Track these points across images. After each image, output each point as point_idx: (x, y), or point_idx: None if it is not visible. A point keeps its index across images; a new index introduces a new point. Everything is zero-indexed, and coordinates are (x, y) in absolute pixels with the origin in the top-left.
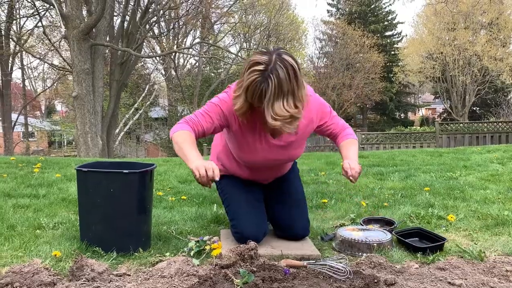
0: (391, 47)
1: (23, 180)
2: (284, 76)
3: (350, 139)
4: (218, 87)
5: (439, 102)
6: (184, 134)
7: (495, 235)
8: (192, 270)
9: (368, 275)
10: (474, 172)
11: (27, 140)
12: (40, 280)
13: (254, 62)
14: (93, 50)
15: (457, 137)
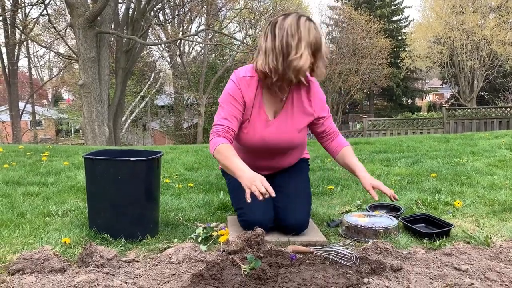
0: (398, 32)
1: (31, 168)
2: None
3: (350, 148)
4: (224, 74)
5: (446, 88)
6: (222, 149)
7: (502, 220)
8: (200, 256)
9: (374, 260)
10: (481, 158)
11: (34, 129)
12: (51, 266)
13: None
14: (98, 38)
15: (465, 122)
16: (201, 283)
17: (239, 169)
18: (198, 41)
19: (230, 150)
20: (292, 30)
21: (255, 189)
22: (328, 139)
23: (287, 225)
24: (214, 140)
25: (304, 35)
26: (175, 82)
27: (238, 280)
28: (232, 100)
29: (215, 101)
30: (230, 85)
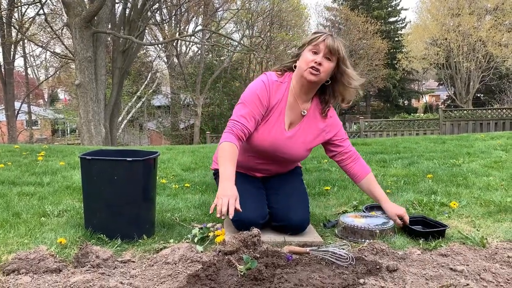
0: (395, 33)
1: (27, 168)
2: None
3: (372, 175)
4: (221, 75)
5: (443, 89)
6: (226, 147)
7: (497, 221)
8: (196, 257)
9: (371, 261)
10: (477, 159)
11: (30, 128)
12: (46, 266)
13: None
14: (95, 37)
15: (461, 124)
16: (197, 283)
17: (224, 177)
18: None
19: (232, 152)
20: None
21: (219, 204)
22: (350, 161)
23: (289, 224)
24: (225, 135)
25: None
26: (172, 82)
27: (234, 280)
28: (256, 101)
29: (211, 101)
30: (260, 85)
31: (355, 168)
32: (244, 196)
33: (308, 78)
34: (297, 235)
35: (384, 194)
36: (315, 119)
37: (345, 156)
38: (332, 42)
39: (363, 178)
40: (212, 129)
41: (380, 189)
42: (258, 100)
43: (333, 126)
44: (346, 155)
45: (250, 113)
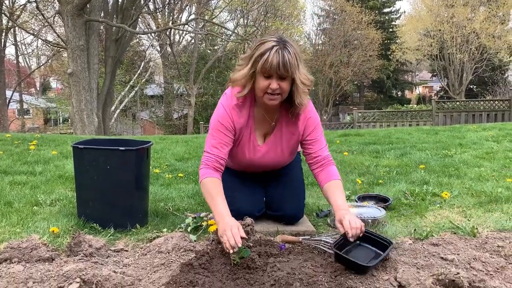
0: (389, 24)
1: (19, 157)
2: (296, 45)
3: (338, 181)
4: (215, 64)
5: (436, 80)
6: (208, 184)
7: (488, 211)
8: (189, 246)
9: None
10: (469, 150)
11: (22, 117)
12: (39, 255)
13: (264, 40)
14: (87, 26)
15: (453, 115)
16: (191, 272)
17: (218, 213)
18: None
19: (215, 186)
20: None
21: (226, 240)
22: (316, 167)
23: (284, 214)
24: (202, 171)
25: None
26: (165, 71)
27: (228, 269)
28: (221, 128)
29: (205, 91)
30: (221, 112)
31: (320, 175)
32: (241, 189)
33: (270, 103)
34: (290, 225)
35: (339, 203)
36: (287, 124)
37: (313, 160)
38: (281, 61)
39: (324, 185)
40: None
41: (338, 197)
42: (223, 127)
43: (307, 126)
44: (314, 160)
45: (220, 142)
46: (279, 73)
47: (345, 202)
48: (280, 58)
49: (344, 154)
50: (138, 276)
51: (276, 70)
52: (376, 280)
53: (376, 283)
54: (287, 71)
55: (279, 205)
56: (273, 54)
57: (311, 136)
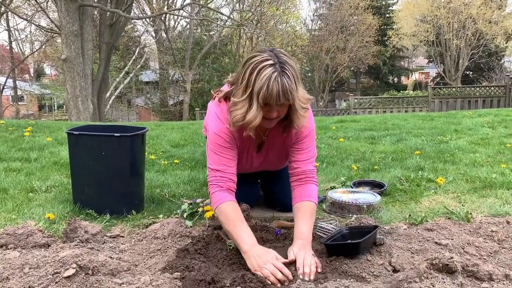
0: (386, 9)
1: (13, 143)
2: (293, 64)
3: (312, 204)
4: (210, 50)
5: (432, 66)
6: (227, 210)
7: (482, 197)
8: (185, 231)
9: None
10: (464, 136)
11: (16, 104)
12: (34, 241)
13: (259, 61)
14: (81, 11)
15: (449, 101)
16: (187, 257)
17: (248, 244)
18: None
19: (236, 211)
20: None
21: (269, 274)
22: (295, 180)
23: (285, 208)
24: (217, 195)
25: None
26: (160, 57)
27: (223, 254)
28: (223, 143)
29: (201, 77)
30: (219, 126)
31: (296, 191)
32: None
33: (267, 126)
34: (286, 211)
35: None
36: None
37: (293, 171)
38: (281, 91)
39: (296, 203)
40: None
41: (304, 223)
42: (224, 141)
43: (300, 134)
44: (294, 170)
45: (226, 157)
46: (279, 103)
47: (310, 231)
48: (280, 87)
49: (340, 140)
50: (134, 262)
51: (276, 101)
52: (371, 265)
53: (371, 268)
54: (288, 100)
55: (277, 199)
56: (273, 83)
57: (299, 144)
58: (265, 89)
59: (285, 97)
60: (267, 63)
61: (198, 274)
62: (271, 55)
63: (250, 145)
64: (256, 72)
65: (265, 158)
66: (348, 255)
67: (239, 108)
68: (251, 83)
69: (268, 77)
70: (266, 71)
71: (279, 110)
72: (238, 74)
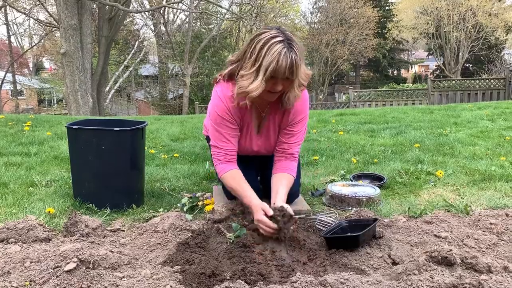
0: (386, 2)
1: (13, 138)
2: (298, 41)
3: (291, 176)
4: (210, 44)
5: (432, 59)
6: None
7: (481, 189)
8: (186, 225)
9: None
10: (464, 129)
11: (16, 98)
12: (35, 236)
13: (269, 37)
14: (80, 4)
15: (449, 94)
16: (187, 251)
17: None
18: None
19: (240, 177)
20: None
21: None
22: (281, 157)
23: None
24: (219, 166)
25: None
26: (160, 51)
27: (224, 248)
28: (224, 121)
29: (200, 71)
30: (220, 105)
31: (279, 162)
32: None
33: (269, 99)
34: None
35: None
36: (279, 113)
37: (280, 149)
38: (289, 65)
39: (276, 173)
40: (201, 99)
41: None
42: (224, 120)
43: (294, 117)
44: (281, 149)
45: (227, 134)
46: (286, 76)
47: (285, 196)
48: (289, 62)
49: (340, 134)
50: (135, 256)
51: (283, 75)
52: (370, 258)
53: (370, 260)
54: (293, 75)
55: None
56: (282, 57)
57: (292, 127)
58: (275, 63)
59: (291, 71)
60: (277, 39)
61: (199, 267)
62: (279, 32)
63: (250, 125)
64: (267, 47)
65: (264, 138)
66: (348, 248)
67: (245, 79)
68: (260, 57)
69: (278, 52)
70: (277, 47)
71: (283, 84)
72: (243, 50)
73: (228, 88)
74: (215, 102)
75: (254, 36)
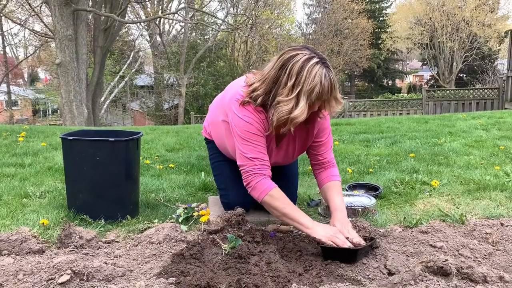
0: (380, 12)
1: (7, 149)
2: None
3: (339, 182)
4: (205, 54)
5: (426, 69)
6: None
7: (476, 199)
8: (181, 236)
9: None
10: (458, 139)
11: (10, 109)
12: (29, 247)
13: (306, 58)
14: (75, 15)
15: (444, 104)
16: (182, 262)
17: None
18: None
19: (286, 197)
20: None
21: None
22: (320, 167)
23: None
24: (263, 182)
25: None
26: (155, 61)
27: (219, 259)
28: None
29: (196, 81)
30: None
31: (321, 174)
32: (233, 180)
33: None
34: None
35: (338, 203)
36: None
37: (318, 162)
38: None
39: (323, 185)
40: (197, 110)
41: (337, 199)
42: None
43: (321, 128)
44: (319, 161)
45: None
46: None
47: (344, 203)
48: (331, 83)
49: (335, 143)
50: (129, 267)
51: (327, 96)
52: (366, 268)
53: (366, 271)
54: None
55: None
56: (324, 80)
57: (321, 137)
58: (319, 87)
59: (333, 91)
60: (314, 60)
61: (194, 279)
62: (312, 52)
63: (271, 139)
64: (306, 70)
65: (283, 152)
66: (344, 261)
67: (284, 105)
68: (300, 82)
69: (320, 75)
70: (316, 69)
71: (321, 104)
72: (275, 74)
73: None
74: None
75: (286, 59)
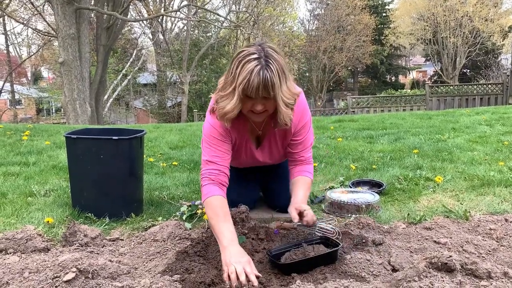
0: (383, 8)
1: (12, 148)
2: (280, 59)
3: (309, 178)
4: (208, 51)
5: (429, 65)
6: (213, 204)
7: (480, 195)
8: (185, 234)
9: (357, 235)
10: (462, 134)
11: (14, 108)
12: (34, 246)
13: (245, 55)
14: (78, 14)
15: (447, 99)
16: (186, 259)
17: (226, 240)
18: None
19: (222, 207)
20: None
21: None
22: (295, 164)
23: (279, 205)
24: (206, 188)
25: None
26: (158, 59)
27: None
28: (217, 135)
29: (199, 79)
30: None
31: (294, 168)
32: (235, 181)
33: (256, 120)
34: (285, 212)
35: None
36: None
37: (293, 159)
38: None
39: (294, 177)
40: (200, 107)
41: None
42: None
43: (298, 127)
44: (295, 159)
45: (220, 150)
46: (261, 95)
47: (306, 198)
48: (261, 80)
49: (338, 140)
50: (134, 265)
51: (255, 94)
52: (370, 264)
53: (370, 267)
54: (269, 93)
55: (274, 198)
56: (254, 76)
57: (297, 136)
58: (245, 82)
59: (265, 90)
60: (252, 56)
61: (198, 276)
62: (258, 49)
63: (247, 140)
64: (241, 65)
65: (265, 152)
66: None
67: (224, 99)
68: (236, 77)
69: (250, 71)
70: (250, 64)
71: (265, 104)
72: (227, 69)
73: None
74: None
75: (234, 56)
